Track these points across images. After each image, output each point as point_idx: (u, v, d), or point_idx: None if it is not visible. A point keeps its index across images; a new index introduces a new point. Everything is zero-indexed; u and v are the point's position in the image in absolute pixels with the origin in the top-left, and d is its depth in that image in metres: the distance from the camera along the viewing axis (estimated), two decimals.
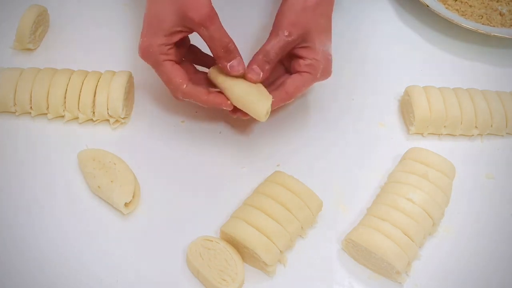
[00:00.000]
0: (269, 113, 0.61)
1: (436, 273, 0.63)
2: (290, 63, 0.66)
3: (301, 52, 0.63)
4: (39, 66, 0.71)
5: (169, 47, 0.62)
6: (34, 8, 0.75)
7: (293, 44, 0.62)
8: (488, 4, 0.86)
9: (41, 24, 0.77)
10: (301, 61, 0.64)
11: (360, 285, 0.61)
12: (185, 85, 0.62)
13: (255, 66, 0.62)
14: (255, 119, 0.62)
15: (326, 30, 0.65)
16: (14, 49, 0.76)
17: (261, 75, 0.62)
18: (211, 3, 0.60)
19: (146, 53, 0.63)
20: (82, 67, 0.72)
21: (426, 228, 0.61)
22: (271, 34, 0.63)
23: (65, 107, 0.69)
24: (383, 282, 0.62)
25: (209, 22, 0.59)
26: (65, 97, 0.68)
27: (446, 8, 0.85)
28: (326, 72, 0.65)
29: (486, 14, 0.85)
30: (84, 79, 0.69)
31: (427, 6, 0.83)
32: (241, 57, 0.62)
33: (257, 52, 0.63)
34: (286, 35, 0.61)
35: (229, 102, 0.62)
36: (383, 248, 0.58)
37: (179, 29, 0.61)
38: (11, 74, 0.69)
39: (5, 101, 0.68)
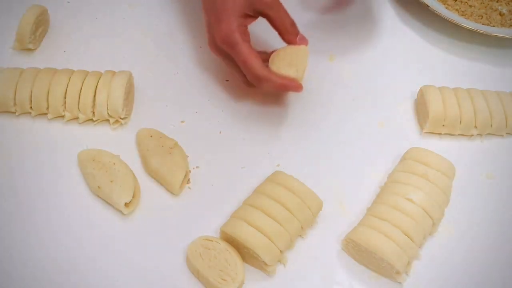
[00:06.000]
0: (183, 186, 0.66)
1: (436, 273, 0.63)
2: None
3: None
4: (39, 66, 0.71)
5: (245, 28, 0.65)
6: (34, 8, 0.75)
7: None
8: (488, 4, 0.86)
9: (41, 24, 0.77)
10: None
11: (360, 285, 0.61)
12: (263, 68, 0.65)
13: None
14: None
15: None
16: (14, 49, 0.76)
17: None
18: None
19: (226, 36, 0.64)
20: (82, 67, 0.72)
21: (426, 228, 0.61)
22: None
23: (65, 107, 0.69)
24: (383, 282, 0.62)
25: (278, 2, 0.66)
26: (65, 97, 0.68)
27: (446, 8, 0.85)
28: None
29: (486, 14, 0.85)
30: (84, 79, 0.69)
31: (427, 6, 0.83)
32: None
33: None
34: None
35: (300, 84, 0.67)
36: (383, 248, 0.58)
37: (250, 13, 0.66)
38: (11, 74, 0.69)
39: (5, 101, 0.68)
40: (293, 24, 0.68)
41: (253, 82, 0.66)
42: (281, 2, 0.66)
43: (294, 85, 0.66)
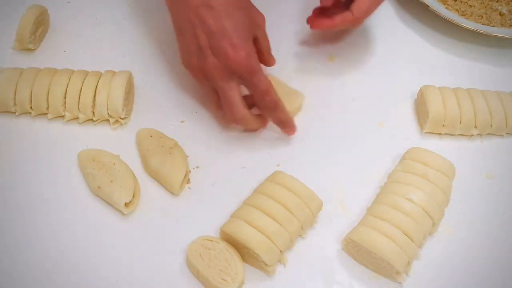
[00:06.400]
0: (183, 186, 0.66)
1: (436, 273, 0.63)
2: None
3: None
4: (39, 66, 0.71)
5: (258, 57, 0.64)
6: (34, 8, 0.75)
7: None
8: (488, 4, 0.86)
9: (41, 24, 0.77)
10: None
11: (360, 285, 0.61)
12: (275, 93, 0.65)
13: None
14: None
15: None
16: (14, 49, 0.76)
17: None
18: None
19: (247, 63, 0.61)
20: (82, 67, 0.72)
21: (426, 228, 0.61)
22: None
23: (65, 107, 0.69)
24: (383, 282, 0.62)
25: (264, 26, 0.67)
26: (65, 97, 0.68)
27: (446, 8, 0.85)
28: None
29: (486, 14, 0.85)
30: (84, 79, 0.69)
31: (427, 6, 0.83)
32: None
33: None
34: None
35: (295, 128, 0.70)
36: (383, 248, 0.58)
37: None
38: (11, 74, 0.69)
39: (5, 101, 0.68)
40: (270, 45, 0.70)
41: (268, 110, 0.66)
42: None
43: (294, 126, 0.70)
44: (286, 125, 0.69)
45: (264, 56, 0.70)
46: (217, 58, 0.61)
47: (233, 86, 0.63)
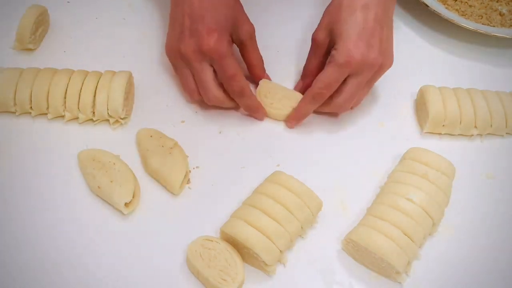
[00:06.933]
0: (183, 186, 0.66)
1: (436, 273, 0.63)
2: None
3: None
4: (39, 66, 0.71)
5: (231, 47, 0.67)
6: (34, 8, 0.75)
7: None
8: (488, 4, 0.86)
9: (41, 24, 0.77)
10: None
11: (360, 285, 0.61)
12: (243, 80, 0.67)
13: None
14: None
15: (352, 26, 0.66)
16: (14, 49, 0.76)
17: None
18: None
19: (218, 46, 0.63)
20: (82, 67, 0.72)
21: (426, 228, 0.61)
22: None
23: (65, 107, 0.69)
24: (383, 282, 0.62)
25: (255, 35, 0.70)
26: (65, 97, 0.68)
27: (446, 8, 0.85)
28: (352, 58, 0.64)
29: (486, 14, 0.85)
30: (84, 79, 0.69)
31: (427, 6, 0.83)
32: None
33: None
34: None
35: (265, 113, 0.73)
36: (383, 248, 0.58)
37: (232, 38, 0.68)
38: (11, 74, 0.69)
39: (5, 101, 0.68)
40: (262, 60, 0.73)
41: (234, 95, 0.68)
42: None
43: (263, 112, 0.72)
44: (254, 111, 0.71)
45: (253, 67, 0.73)
46: (193, 39, 0.64)
47: (205, 67, 0.66)
